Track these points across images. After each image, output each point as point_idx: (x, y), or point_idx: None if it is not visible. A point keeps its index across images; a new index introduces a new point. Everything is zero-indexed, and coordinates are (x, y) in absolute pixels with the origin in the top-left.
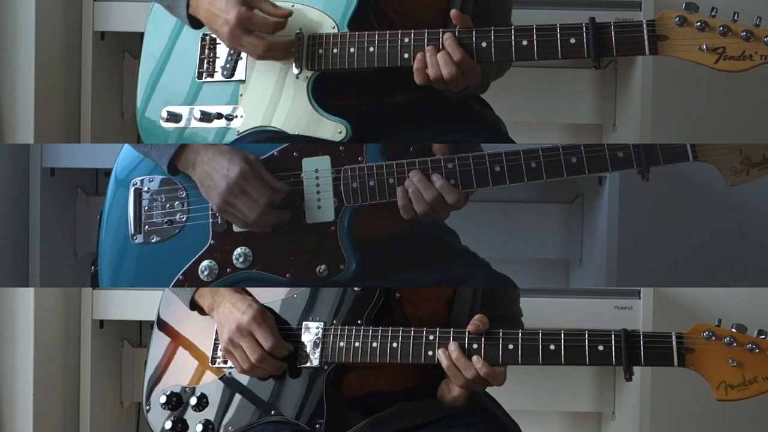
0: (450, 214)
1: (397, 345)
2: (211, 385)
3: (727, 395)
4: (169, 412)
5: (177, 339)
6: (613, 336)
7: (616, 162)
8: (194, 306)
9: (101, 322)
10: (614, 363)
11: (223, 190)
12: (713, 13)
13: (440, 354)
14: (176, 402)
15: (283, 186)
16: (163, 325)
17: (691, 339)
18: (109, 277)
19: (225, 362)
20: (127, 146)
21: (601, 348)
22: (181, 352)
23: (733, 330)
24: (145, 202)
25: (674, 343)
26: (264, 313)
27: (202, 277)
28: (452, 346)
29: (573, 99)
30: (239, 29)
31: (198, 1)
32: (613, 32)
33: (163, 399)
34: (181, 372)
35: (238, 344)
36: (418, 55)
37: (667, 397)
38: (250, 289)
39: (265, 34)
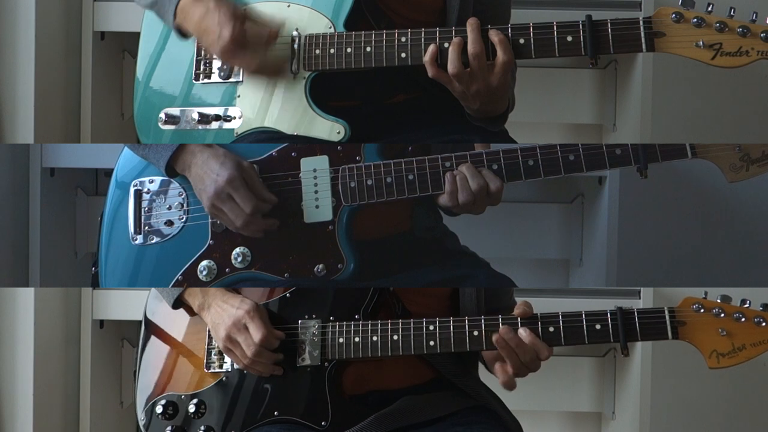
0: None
1: (398, 337)
2: (208, 390)
3: (719, 363)
4: (166, 422)
5: (168, 345)
6: (609, 314)
7: (614, 159)
8: (179, 304)
9: (101, 322)
10: (612, 340)
11: (211, 195)
12: (709, 9)
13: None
14: (173, 411)
15: (271, 197)
16: (152, 330)
17: (682, 312)
18: (109, 278)
19: (220, 366)
20: (128, 147)
21: (598, 327)
22: (174, 360)
23: (719, 301)
24: (145, 203)
25: (667, 317)
26: (257, 307)
27: (201, 277)
28: (504, 329)
29: (573, 99)
30: (234, 45)
31: (185, 14)
32: (609, 29)
33: (159, 409)
34: (175, 380)
35: (235, 340)
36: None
37: (667, 397)
38: (243, 291)
39: (260, 49)
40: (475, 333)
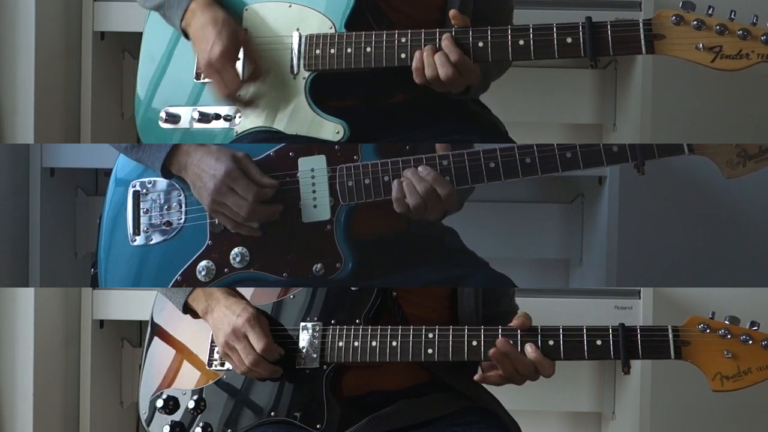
0: (445, 218)
1: (397, 344)
2: (208, 388)
3: (722, 386)
4: (167, 416)
5: (172, 343)
6: (610, 331)
7: (611, 156)
8: (187, 309)
9: (101, 322)
10: (612, 357)
11: (211, 190)
12: (710, 12)
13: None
14: (173, 406)
15: (272, 181)
16: (157, 329)
17: (687, 332)
18: (109, 279)
19: (222, 365)
20: (122, 152)
21: (599, 343)
22: (178, 356)
23: (727, 322)
24: (143, 204)
25: (670, 336)
26: (258, 316)
27: (200, 277)
28: (501, 342)
29: (573, 99)
30: (219, 63)
31: (193, 16)
32: (609, 31)
33: (160, 403)
34: (178, 376)
35: (233, 347)
36: (416, 54)
37: (667, 398)
38: (247, 291)
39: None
40: (474, 343)
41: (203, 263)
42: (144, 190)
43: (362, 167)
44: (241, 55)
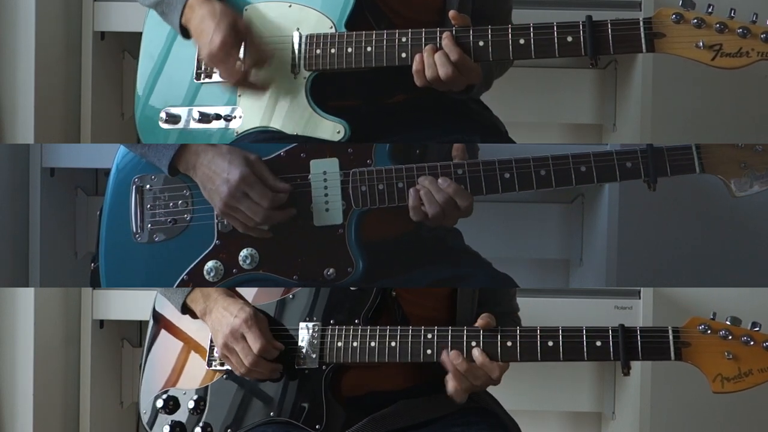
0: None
1: (396, 344)
2: (208, 387)
3: (723, 388)
4: (167, 416)
5: (173, 342)
6: (610, 332)
7: (624, 172)
8: (185, 310)
9: (101, 322)
10: (612, 358)
11: (225, 195)
12: (710, 10)
13: (444, 361)
14: (173, 405)
15: (285, 186)
16: (164, 321)
17: (687, 333)
18: (110, 276)
19: (222, 364)
20: (125, 147)
21: (598, 344)
22: (178, 356)
23: (728, 323)
24: (148, 201)
25: (671, 337)
26: (256, 316)
27: (207, 278)
28: (453, 354)
29: (573, 99)
30: (221, 53)
31: (192, 11)
32: (609, 30)
33: (160, 403)
34: (178, 375)
35: (232, 348)
36: (417, 57)
37: (667, 398)
38: (245, 291)
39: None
40: (473, 344)
41: (211, 263)
42: (147, 186)
43: (376, 172)
44: (241, 55)
